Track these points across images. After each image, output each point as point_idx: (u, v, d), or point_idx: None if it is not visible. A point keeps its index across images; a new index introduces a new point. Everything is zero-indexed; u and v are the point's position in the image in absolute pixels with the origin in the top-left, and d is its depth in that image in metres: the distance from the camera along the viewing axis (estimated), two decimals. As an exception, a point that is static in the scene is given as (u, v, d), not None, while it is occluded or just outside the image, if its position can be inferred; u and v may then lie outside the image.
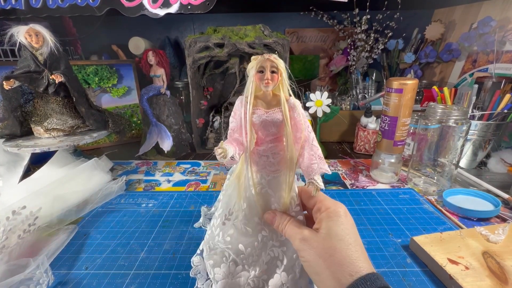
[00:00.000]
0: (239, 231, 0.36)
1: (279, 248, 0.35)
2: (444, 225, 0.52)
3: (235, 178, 0.36)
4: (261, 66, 0.31)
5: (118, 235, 0.51)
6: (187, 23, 1.17)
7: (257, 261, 0.35)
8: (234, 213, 0.36)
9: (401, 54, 1.10)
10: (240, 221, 0.35)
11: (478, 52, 0.93)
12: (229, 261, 0.35)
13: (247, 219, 0.35)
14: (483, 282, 0.37)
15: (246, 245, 0.35)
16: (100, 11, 0.74)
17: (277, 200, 0.35)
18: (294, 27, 1.18)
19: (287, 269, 0.34)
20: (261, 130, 0.34)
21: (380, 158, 0.68)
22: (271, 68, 0.31)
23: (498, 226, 0.48)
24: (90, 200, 0.60)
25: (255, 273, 0.35)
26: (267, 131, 0.34)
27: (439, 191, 0.63)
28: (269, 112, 0.33)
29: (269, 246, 0.35)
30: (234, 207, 0.36)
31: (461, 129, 0.58)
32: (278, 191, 0.35)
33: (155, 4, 0.74)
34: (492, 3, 0.89)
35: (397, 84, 0.61)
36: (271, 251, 0.35)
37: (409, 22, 1.06)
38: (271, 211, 0.34)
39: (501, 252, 0.42)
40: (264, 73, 0.31)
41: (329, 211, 0.29)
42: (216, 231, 0.37)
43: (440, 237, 0.46)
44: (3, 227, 0.44)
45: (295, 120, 0.33)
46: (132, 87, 1.03)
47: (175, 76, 1.15)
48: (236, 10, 1.12)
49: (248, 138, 0.33)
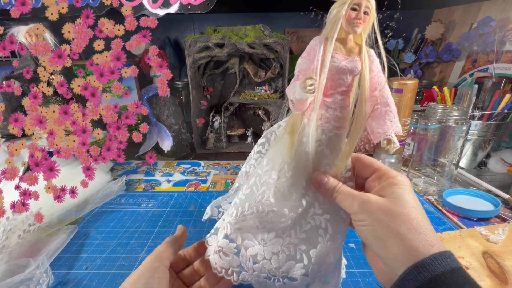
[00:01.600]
0: (281, 193, 0.32)
1: (321, 216, 0.32)
2: (444, 225, 0.52)
3: (288, 133, 0.32)
4: (356, 2, 0.27)
5: (118, 235, 0.51)
6: (187, 23, 1.17)
7: (293, 228, 0.32)
8: (279, 172, 0.32)
9: (401, 54, 1.10)
10: (283, 182, 0.32)
11: (478, 52, 0.93)
12: (264, 226, 0.32)
13: (293, 180, 0.32)
14: (483, 282, 0.37)
15: (290, 210, 0.31)
16: (100, 11, 0.74)
17: (330, 162, 0.32)
18: (294, 27, 1.18)
19: (333, 239, 0.31)
20: (334, 78, 0.30)
21: (380, 158, 0.68)
22: (365, 9, 0.27)
23: (498, 226, 0.48)
24: (90, 200, 0.60)
25: (290, 239, 0.32)
26: (341, 81, 0.30)
27: (439, 191, 0.63)
28: (349, 59, 0.29)
29: (310, 214, 0.32)
30: (280, 165, 0.32)
31: (461, 129, 0.58)
32: (335, 151, 0.32)
33: (155, 4, 0.74)
34: (492, 3, 0.89)
35: (397, 84, 0.61)
36: (312, 219, 0.32)
37: (409, 22, 1.06)
38: (320, 172, 0.31)
39: (501, 252, 0.42)
40: (358, 11, 0.27)
41: (395, 179, 0.27)
42: (259, 190, 0.32)
43: (440, 237, 0.46)
44: (3, 227, 0.44)
45: (372, 74, 0.30)
46: (132, 87, 1.03)
47: (175, 76, 1.15)
48: (236, 10, 1.12)
49: (323, 83, 0.28)
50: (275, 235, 0.32)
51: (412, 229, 0.23)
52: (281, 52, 0.79)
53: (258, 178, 0.33)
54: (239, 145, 0.96)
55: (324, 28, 0.29)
